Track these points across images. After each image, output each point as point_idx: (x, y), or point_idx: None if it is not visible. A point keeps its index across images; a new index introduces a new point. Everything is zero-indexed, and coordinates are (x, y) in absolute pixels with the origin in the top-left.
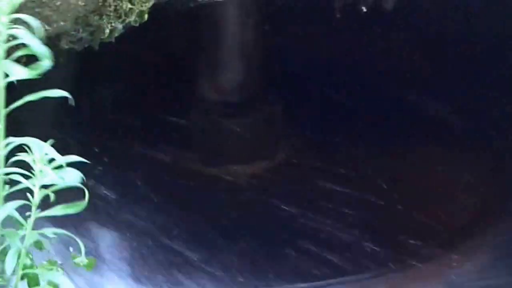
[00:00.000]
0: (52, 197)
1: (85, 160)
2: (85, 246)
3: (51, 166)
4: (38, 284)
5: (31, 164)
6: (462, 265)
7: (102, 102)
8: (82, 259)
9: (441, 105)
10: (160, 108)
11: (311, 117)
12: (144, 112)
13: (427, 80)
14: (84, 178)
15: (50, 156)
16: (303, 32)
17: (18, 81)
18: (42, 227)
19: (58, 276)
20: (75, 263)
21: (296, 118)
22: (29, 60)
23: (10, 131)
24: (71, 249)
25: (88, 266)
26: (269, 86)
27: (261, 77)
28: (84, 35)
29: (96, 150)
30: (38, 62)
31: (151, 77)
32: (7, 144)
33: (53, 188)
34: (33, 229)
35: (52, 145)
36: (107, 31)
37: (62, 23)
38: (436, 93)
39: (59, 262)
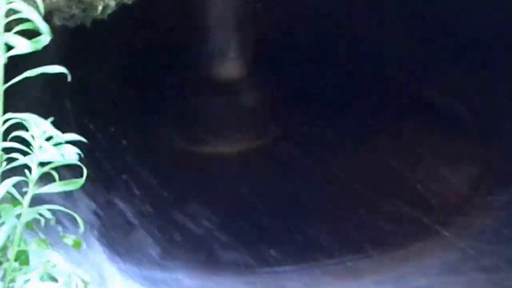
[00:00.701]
0: (54, 175)
1: (84, 139)
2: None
3: (50, 143)
4: (28, 261)
5: (30, 140)
6: (455, 244)
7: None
8: (71, 239)
9: (431, 85)
10: (149, 87)
11: (300, 97)
12: (132, 90)
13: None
14: (82, 155)
15: (49, 134)
16: (296, 11)
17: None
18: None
19: (52, 255)
20: (64, 242)
21: (285, 97)
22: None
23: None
24: (60, 228)
25: (76, 246)
26: (259, 66)
27: (252, 57)
28: (76, 12)
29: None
30: (37, 37)
31: (139, 56)
32: (6, 120)
33: (52, 165)
34: (30, 206)
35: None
36: (100, 8)
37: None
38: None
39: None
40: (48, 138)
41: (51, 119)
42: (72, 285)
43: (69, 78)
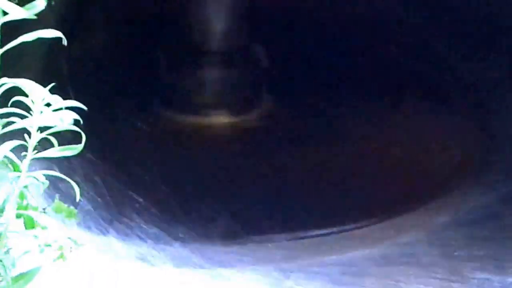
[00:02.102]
0: (54, 141)
1: (83, 106)
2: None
3: (50, 108)
4: (34, 226)
5: (30, 105)
6: (442, 216)
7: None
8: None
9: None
10: (145, 58)
11: (297, 69)
12: (129, 62)
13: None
14: (81, 122)
15: (48, 100)
16: None
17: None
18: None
19: (45, 219)
20: (56, 210)
21: (281, 69)
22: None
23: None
24: (57, 196)
25: (69, 215)
26: (255, 38)
27: (247, 28)
28: None
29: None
30: (32, 3)
31: (136, 27)
32: (2, 85)
33: (51, 130)
34: (28, 171)
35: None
36: None
37: None
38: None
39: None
40: (48, 105)
41: (50, 85)
42: (67, 249)
43: (64, 42)
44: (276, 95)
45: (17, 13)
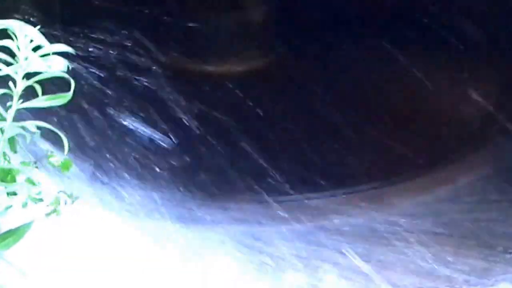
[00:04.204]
0: (38, 88)
1: (72, 51)
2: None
3: (37, 54)
4: (14, 179)
5: (15, 51)
6: (449, 183)
7: None
8: (58, 159)
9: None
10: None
11: (306, 19)
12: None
13: None
14: (70, 67)
15: (36, 43)
16: None
17: None
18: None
19: (34, 173)
20: (50, 162)
21: (291, 18)
22: None
23: None
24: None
25: (64, 167)
26: None
27: None
28: None
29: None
30: None
31: None
32: None
33: (37, 78)
34: (14, 121)
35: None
36: None
37: None
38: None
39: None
40: (35, 49)
41: (38, 26)
42: (61, 204)
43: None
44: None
45: None
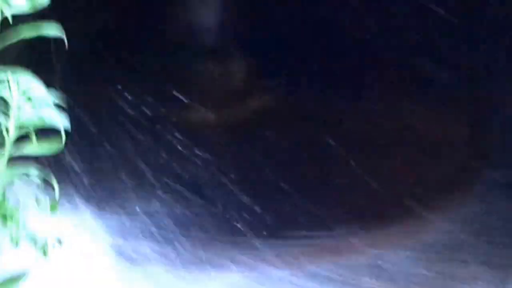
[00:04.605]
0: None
1: (65, 102)
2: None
3: (30, 103)
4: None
5: (7, 98)
6: (435, 224)
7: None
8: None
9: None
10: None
11: (291, 62)
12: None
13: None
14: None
15: (30, 93)
16: None
17: None
18: None
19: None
20: (38, 204)
21: (275, 62)
22: None
23: None
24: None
25: (53, 208)
26: (248, 29)
27: (240, 20)
28: None
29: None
30: None
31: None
32: None
33: (32, 126)
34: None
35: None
36: None
37: None
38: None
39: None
40: (30, 96)
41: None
42: (49, 247)
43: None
44: (268, 88)
45: (21, 5)
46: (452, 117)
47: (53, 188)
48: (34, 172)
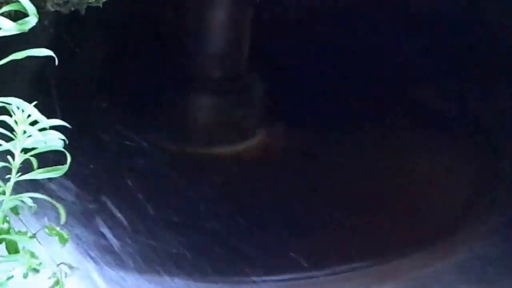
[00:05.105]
0: (34, 162)
1: (68, 125)
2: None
3: (34, 128)
4: (17, 251)
5: (13, 125)
6: (436, 264)
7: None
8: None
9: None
10: (140, 85)
11: (294, 98)
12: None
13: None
14: (67, 142)
15: (33, 118)
16: (291, 14)
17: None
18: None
19: (33, 244)
20: (48, 234)
21: (278, 98)
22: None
23: None
24: (46, 218)
25: (62, 240)
26: (252, 65)
27: (244, 56)
28: None
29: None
30: (24, 19)
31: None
32: None
33: (35, 152)
34: (12, 193)
35: (36, 107)
36: None
37: None
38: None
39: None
40: (33, 123)
41: (34, 102)
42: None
43: (56, 62)
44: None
45: (9, 28)
46: None
47: (59, 213)
48: (39, 197)
